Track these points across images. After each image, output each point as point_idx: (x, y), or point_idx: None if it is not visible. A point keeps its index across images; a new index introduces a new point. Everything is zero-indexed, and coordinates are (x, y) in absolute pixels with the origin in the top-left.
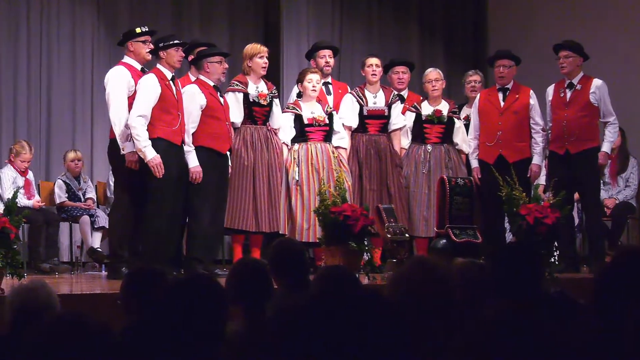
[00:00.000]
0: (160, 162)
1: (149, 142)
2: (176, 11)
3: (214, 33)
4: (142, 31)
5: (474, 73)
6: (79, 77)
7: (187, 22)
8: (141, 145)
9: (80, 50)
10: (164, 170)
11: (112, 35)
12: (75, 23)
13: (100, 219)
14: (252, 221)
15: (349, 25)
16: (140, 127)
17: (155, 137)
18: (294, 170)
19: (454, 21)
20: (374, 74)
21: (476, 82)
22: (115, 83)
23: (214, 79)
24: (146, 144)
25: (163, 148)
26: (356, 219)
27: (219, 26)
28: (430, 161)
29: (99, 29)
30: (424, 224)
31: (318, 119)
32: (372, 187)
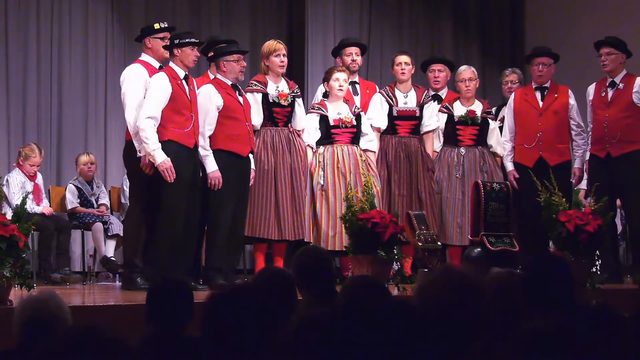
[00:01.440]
0: (171, 165)
1: (158, 144)
2: (195, 6)
3: (235, 29)
4: (161, 27)
5: (510, 72)
6: (91, 76)
7: (206, 17)
8: (150, 148)
9: (93, 47)
10: (175, 174)
11: (126, 31)
12: (87, 18)
13: (114, 226)
14: (275, 229)
15: (378, 21)
16: (150, 129)
17: (165, 140)
18: (319, 174)
19: (489, 15)
20: (404, 72)
21: (513, 82)
22: (132, 82)
23: (231, 77)
24: (155, 147)
25: (174, 151)
26: (385, 226)
27: (240, 22)
28: (463, 165)
29: (112, 25)
30: (458, 231)
31: (345, 120)
32: (402, 193)
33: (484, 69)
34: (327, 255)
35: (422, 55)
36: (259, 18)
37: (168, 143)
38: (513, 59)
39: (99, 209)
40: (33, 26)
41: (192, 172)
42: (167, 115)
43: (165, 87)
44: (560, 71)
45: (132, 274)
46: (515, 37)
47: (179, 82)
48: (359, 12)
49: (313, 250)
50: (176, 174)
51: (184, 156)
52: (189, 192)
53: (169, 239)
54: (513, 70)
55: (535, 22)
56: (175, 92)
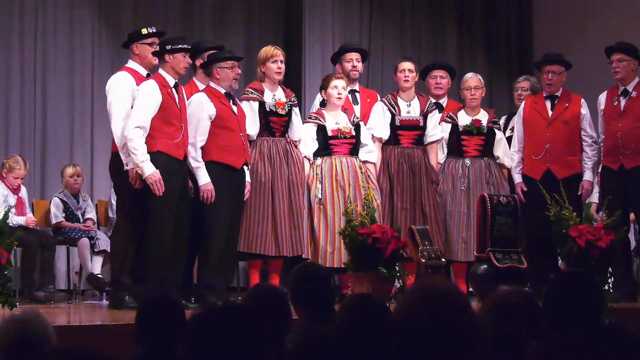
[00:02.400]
0: (160, 178)
1: (147, 156)
2: (187, 11)
3: (229, 35)
4: (149, 32)
5: (523, 79)
6: (77, 84)
7: (199, 23)
8: (138, 159)
9: (79, 54)
10: (165, 187)
11: (114, 37)
12: (73, 24)
13: (101, 241)
14: (272, 244)
15: (380, 26)
16: (138, 139)
17: (154, 151)
18: (317, 187)
19: (496, 20)
20: (407, 80)
21: (524, 89)
22: (118, 90)
23: (225, 85)
24: (144, 159)
25: (163, 163)
26: (386, 241)
27: (234, 28)
28: (469, 177)
29: (99, 31)
30: (463, 247)
31: (344, 131)
32: (405, 206)
33: (490, 76)
34: (324, 272)
35: (425, 62)
36: (254, 23)
37: (157, 154)
38: (520, 66)
39: (85, 223)
40: (15, 32)
41: (182, 184)
42: (157, 126)
43: (154, 96)
44: (569, 78)
45: (120, 292)
46: (523, 42)
47: (169, 90)
48: (359, 17)
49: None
50: (165, 186)
51: (174, 168)
52: (178, 205)
53: (158, 255)
54: (526, 77)
55: (543, 27)
56: (165, 101)
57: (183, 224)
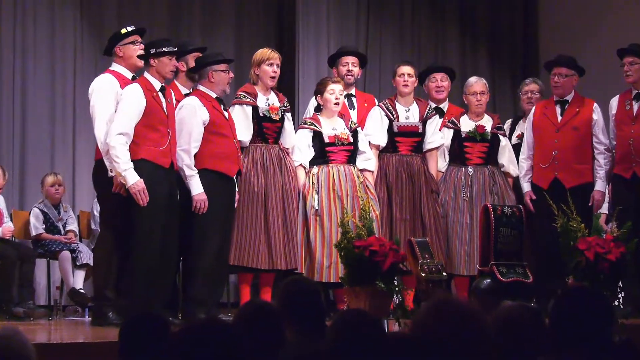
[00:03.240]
0: (144, 187)
1: (130, 164)
2: (174, 13)
3: (219, 38)
4: (129, 31)
5: (531, 82)
6: (58, 88)
7: (187, 25)
8: (121, 168)
9: (60, 57)
10: (149, 197)
11: (96, 38)
12: (54, 25)
13: (83, 254)
14: (265, 257)
15: (377, 28)
16: (121, 146)
17: (138, 159)
18: (313, 197)
19: (500, 21)
20: (406, 84)
21: (533, 92)
22: (101, 94)
23: (219, 90)
24: (127, 167)
25: (148, 171)
26: (384, 254)
27: (224, 31)
28: (471, 186)
29: (82, 32)
30: (465, 260)
31: (340, 137)
32: (404, 217)
33: (493, 80)
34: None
35: (425, 66)
36: (245, 25)
37: (141, 162)
38: (525, 69)
39: (67, 235)
40: None
41: (168, 194)
42: (141, 132)
43: (139, 100)
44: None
45: (104, 307)
46: (528, 44)
47: (154, 94)
48: (356, 18)
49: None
50: (150, 196)
51: (159, 177)
52: (165, 216)
53: (144, 268)
54: (534, 79)
55: (550, 29)
56: (150, 106)
57: (170, 235)
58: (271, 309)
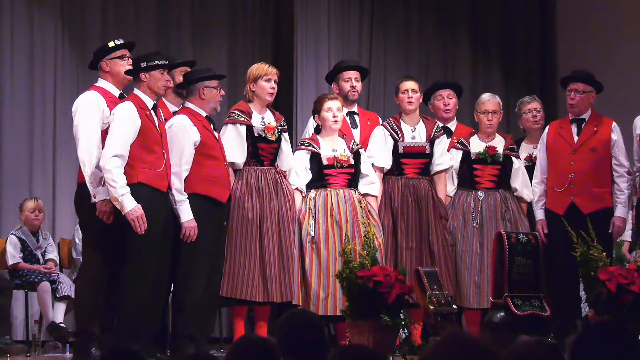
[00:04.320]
0: (142, 214)
1: (127, 189)
2: (162, 23)
3: (210, 52)
4: (117, 44)
5: (531, 99)
6: (37, 105)
7: (176, 37)
8: (118, 193)
9: (40, 70)
10: (147, 224)
11: (80, 51)
12: (33, 35)
13: (64, 285)
14: (260, 289)
15: (381, 41)
16: (116, 169)
17: (135, 183)
18: (309, 223)
19: (514, 33)
20: (411, 101)
21: (537, 110)
22: (86, 112)
23: (209, 108)
24: (124, 192)
25: (146, 196)
26: (390, 285)
27: (216, 43)
28: (482, 211)
29: (63, 44)
30: (476, 292)
31: (341, 159)
32: (410, 245)
33: (507, 97)
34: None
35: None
36: (239, 38)
37: (138, 186)
38: (542, 86)
39: (46, 265)
40: None
41: (165, 220)
42: (136, 154)
43: (133, 120)
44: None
45: (86, 343)
46: (545, 59)
47: (147, 112)
48: (358, 30)
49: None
50: (148, 223)
51: (157, 202)
52: (160, 244)
53: (136, 300)
54: (533, 97)
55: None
56: (144, 126)
57: (164, 265)
58: (267, 345)
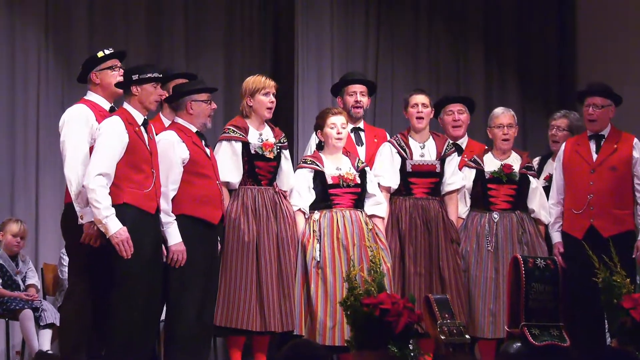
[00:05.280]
0: (128, 237)
1: (112, 210)
2: (153, 33)
3: (205, 63)
4: (107, 54)
5: (560, 115)
6: (19, 121)
7: (168, 48)
8: (102, 214)
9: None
10: (134, 248)
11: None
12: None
13: (48, 313)
14: (257, 318)
15: (389, 52)
16: (101, 189)
17: (120, 203)
18: (314, 247)
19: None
20: (421, 116)
21: (559, 128)
22: (74, 128)
23: (199, 123)
24: (108, 213)
25: (132, 218)
26: (398, 314)
27: (211, 54)
28: (497, 234)
29: (47, 56)
30: (491, 320)
31: (346, 178)
32: (419, 271)
33: (523, 111)
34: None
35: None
36: (236, 49)
37: (124, 207)
38: (561, 99)
39: (27, 291)
40: None
41: (154, 244)
42: (123, 172)
43: (120, 136)
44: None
45: None
46: (564, 71)
47: (136, 129)
48: (364, 41)
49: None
50: (135, 247)
51: (145, 224)
52: (149, 270)
53: (124, 329)
54: (565, 113)
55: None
56: (133, 142)
57: (154, 292)
58: None
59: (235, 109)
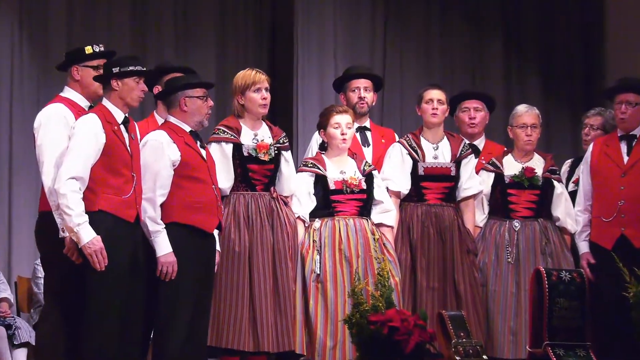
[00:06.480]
0: (102, 247)
1: (85, 217)
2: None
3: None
4: (95, 52)
5: (594, 113)
6: None
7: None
8: (73, 222)
9: None
10: (109, 260)
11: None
12: None
13: (22, 331)
14: (249, 337)
15: (398, 42)
16: (73, 194)
17: (95, 210)
18: (314, 259)
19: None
20: (435, 113)
21: (592, 126)
22: (51, 129)
23: (193, 122)
24: (80, 221)
25: (107, 226)
26: (408, 332)
27: (202, 45)
28: (518, 245)
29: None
30: (511, 340)
31: (350, 183)
32: (432, 284)
33: (547, 110)
34: None
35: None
36: (230, 41)
37: (99, 215)
38: (588, 97)
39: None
40: None
41: (132, 255)
42: (99, 176)
43: (96, 135)
44: None
45: None
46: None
47: (115, 128)
48: (370, 31)
49: None
50: (110, 259)
51: (122, 234)
52: (127, 284)
53: (98, 349)
54: (599, 111)
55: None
56: (110, 143)
57: (134, 308)
58: None
59: (228, 108)
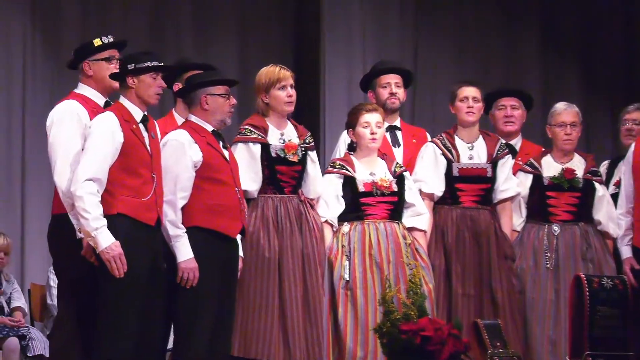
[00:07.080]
0: (121, 252)
1: (103, 221)
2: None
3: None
4: (104, 43)
5: (635, 109)
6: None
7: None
8: (91, 226)
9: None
10: (127, 266)
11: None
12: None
13: (36, 342)
14: (280, 347)
15: (430, 37)
16: (90, 197)
17: (113, 214)
18: (343, 265)
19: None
20: (471, 112)
21: (635, 121)
22: (64, 127)
23: (215, 121)
24: (98, 225)
25: (126, 231)
26: (441, 342)
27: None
28: (557, 250)
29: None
30: (550, 349)
31: (380, 185)
32: (467, 292)
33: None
34: None
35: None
36: (252, 37)
37: (117, 218)
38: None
39: (13, 316)
40: None
41: (152, 261)
42: (117, 177)
43: (113, 135)
44: None
45: None
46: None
47: (133, 127)
48: (399, 25)
49: None
50: (129, 264)
51: (141, 238)
52: (146, 291)
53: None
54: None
55: None
56: (129, 142)
57: (153, 316)
58: None
59: (251, 105)
